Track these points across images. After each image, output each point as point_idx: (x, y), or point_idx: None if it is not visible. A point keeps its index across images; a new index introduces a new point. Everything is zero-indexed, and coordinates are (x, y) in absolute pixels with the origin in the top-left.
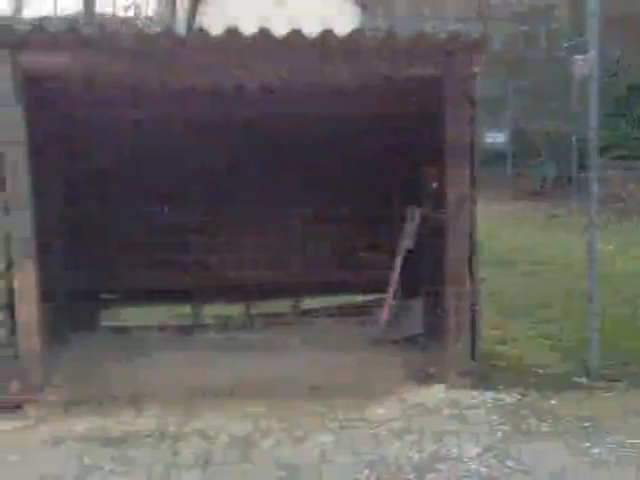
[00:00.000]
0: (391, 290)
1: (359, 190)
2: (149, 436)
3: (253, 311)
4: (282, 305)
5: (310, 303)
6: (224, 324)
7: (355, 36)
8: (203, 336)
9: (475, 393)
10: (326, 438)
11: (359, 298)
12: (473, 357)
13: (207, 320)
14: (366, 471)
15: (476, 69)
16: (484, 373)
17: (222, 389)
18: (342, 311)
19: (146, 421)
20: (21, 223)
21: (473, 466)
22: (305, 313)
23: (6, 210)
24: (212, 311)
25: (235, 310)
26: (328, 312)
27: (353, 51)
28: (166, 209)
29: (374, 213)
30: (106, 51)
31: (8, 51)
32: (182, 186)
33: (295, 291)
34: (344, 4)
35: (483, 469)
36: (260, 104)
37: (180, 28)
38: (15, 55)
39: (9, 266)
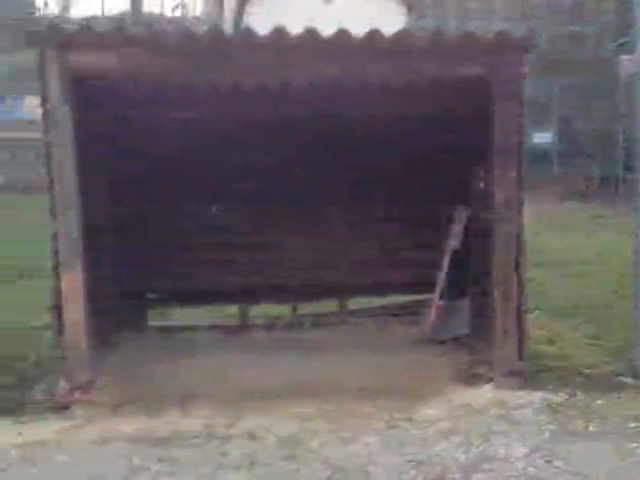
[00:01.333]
0: (438, 290)
1: (406, 190)
2: (197, 437)
3: (300, 311)
4: (329, 305)
5: (357, 303)
6: (271, 324)
7: (402, 36)
8: (250, 336)
9: (522, 393)
10: (373, 439)
11: (406, 298)
12: (520, 357)
13: (254, 320)
14: (412, 471)
15: (524, 69)
16: (531, 373)
17: (270, 390)
18: (389, 311)
19: (194, 422)
20: (68, 223)
21: (520, 466)
22: (352, 313)
23: (53, 210)
24: (259, 311)
25: (282, 310)
26: (375, 312)
27: (400, 51)
28: (214, 209)
29: (421, 213)
30: (152, 50)
31: (55, 51)
32: (229, 185)
33: (342, 291)
34: (390, 4)
35: (530, 469)
36: (307, 104)
37: (227, 28)
38: (62, 55)
39: (56, 266)
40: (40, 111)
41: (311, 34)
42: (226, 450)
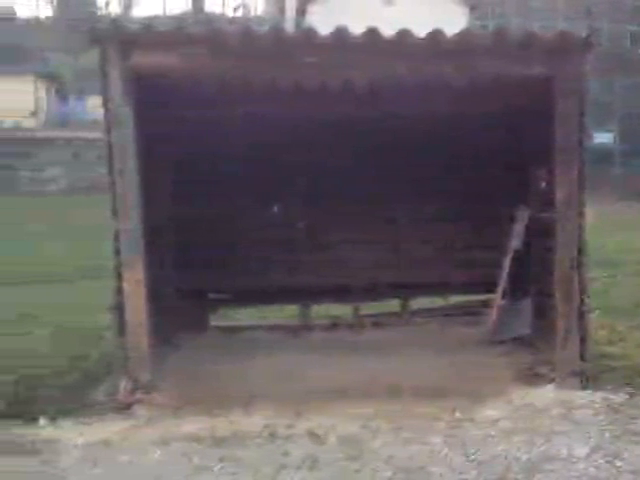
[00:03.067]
0: (499, 290)
1: (467, 189)
2: (258, 437)
3: (361, 312)
4: (390, 306)
5: (418, 304)
6: (333, 325)
7: (465, 36)
8: (312, 337)
9: (584, 393)
10: (435, 439)
11: (468, 298)
12: (582, 357)
13: (316, 321)
14: (474, 472)
15: (586, 68)
16: (593, 373)
17: (331, 390)
18: (450, 311)
19: (255, 422)
20: (130, 222)
21: (581, 466)
22: (413, 314)
23: (115, 210)
24: (321, 311)
25: (344, 311)
26: (436, 313)
27: (463, 51)
28: (275, 208)
29: (482, 213)
30: (214, 50)
31: (118, 50)
32: (291, 185)
33: (404, 291)
34: (451, 4)
35: (592, 469)
36: (368, 103)
37: (289, 27)
38: (124, 54)
39: (118, 266)
40: (102, 111)
41: (373, 34)
42: (287, 450)
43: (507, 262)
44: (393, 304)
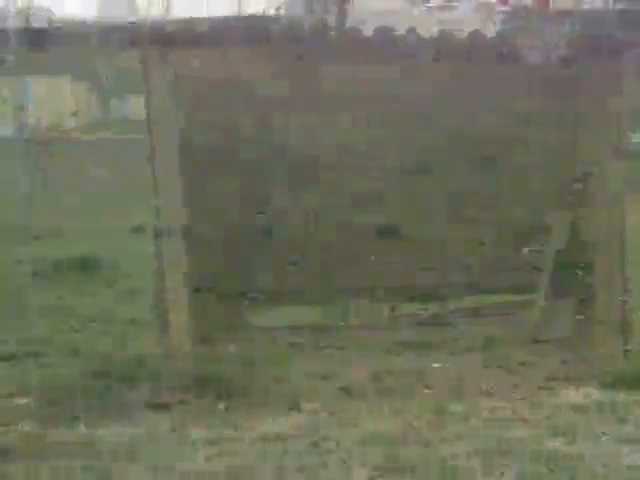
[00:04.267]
0: (542, 290)
1: (508, 189)
2: (300, 436)
3: (400, 312)
4: (430, 305)
5: (458, 303)
6: (371, 324)
7: (503, 37)
8: (351, 336)
9: (626, 393)
10: (471, 438)
11: (509, 299)
12: (625, 357)
13: (355, 320)
14: (513, 471)
15: (624, 69)
16: (636, 373)
17: (370, 389)
18: (490, 311)
19: (297, 421)
20: (173, 222)
21: (624, 465)
22: (453, 313)
23: (158, 209)
24: (359, 311)
25: (382, 310)
26: (476, 312)
27: (501, 51)
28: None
29: (523, 213)
30: (254, 50)
31: (158, 51)
32: (327, 186)
33: (442, 292)
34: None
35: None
36: (408, 104)
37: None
38: (165, 55)
39: (160, 266)
40: (143, 111)
41: (412, 35)
42: (330, 449)
43: (549, 262)
44: (433, 304)
